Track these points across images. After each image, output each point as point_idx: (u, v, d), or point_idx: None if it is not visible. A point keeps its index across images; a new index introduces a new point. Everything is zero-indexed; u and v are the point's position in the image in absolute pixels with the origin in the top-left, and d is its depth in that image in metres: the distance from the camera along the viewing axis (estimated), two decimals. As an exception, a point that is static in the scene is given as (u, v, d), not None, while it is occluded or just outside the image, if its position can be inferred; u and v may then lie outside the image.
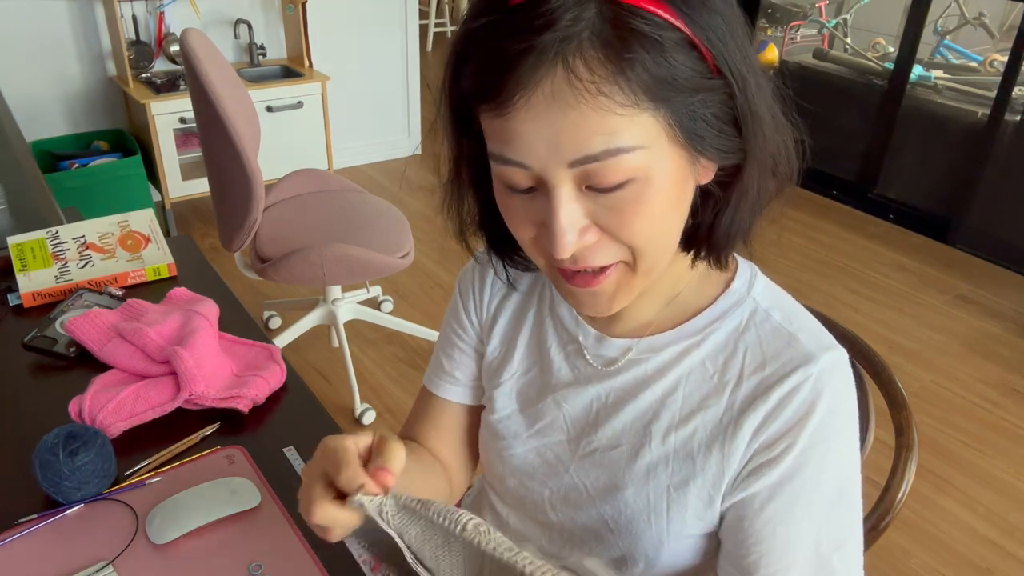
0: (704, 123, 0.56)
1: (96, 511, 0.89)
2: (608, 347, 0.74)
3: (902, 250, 3.44)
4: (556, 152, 0.55)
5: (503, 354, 0.82)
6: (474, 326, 0.85)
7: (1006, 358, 2.72)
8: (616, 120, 0.53)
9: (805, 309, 0.71)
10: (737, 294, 0.70)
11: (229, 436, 1.03)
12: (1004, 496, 2.13)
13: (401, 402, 2.42)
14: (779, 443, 0.65)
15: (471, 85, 0.58)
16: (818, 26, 4.43)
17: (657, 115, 0.54)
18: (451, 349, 0.88)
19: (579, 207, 0.57)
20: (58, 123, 3.32)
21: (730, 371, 0.68)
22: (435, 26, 6.56)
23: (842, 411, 0.66)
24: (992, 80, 3.40)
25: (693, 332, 0.70)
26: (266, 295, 2.93)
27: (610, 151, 0.54)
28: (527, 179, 0.58)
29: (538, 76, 0.52)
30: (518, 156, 0.56)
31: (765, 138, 0.60)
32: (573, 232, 0.58)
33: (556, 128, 0.54)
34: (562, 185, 0.56)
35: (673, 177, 0.58)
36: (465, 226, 0.74)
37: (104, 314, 1.16)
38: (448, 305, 0.90)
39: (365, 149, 4.17)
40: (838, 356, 0.67)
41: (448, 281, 3.03)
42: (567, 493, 0.76)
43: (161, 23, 3.36)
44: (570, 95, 0.52)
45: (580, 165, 0.55)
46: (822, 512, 0.65)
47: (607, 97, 0.52)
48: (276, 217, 2.28)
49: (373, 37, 3.96)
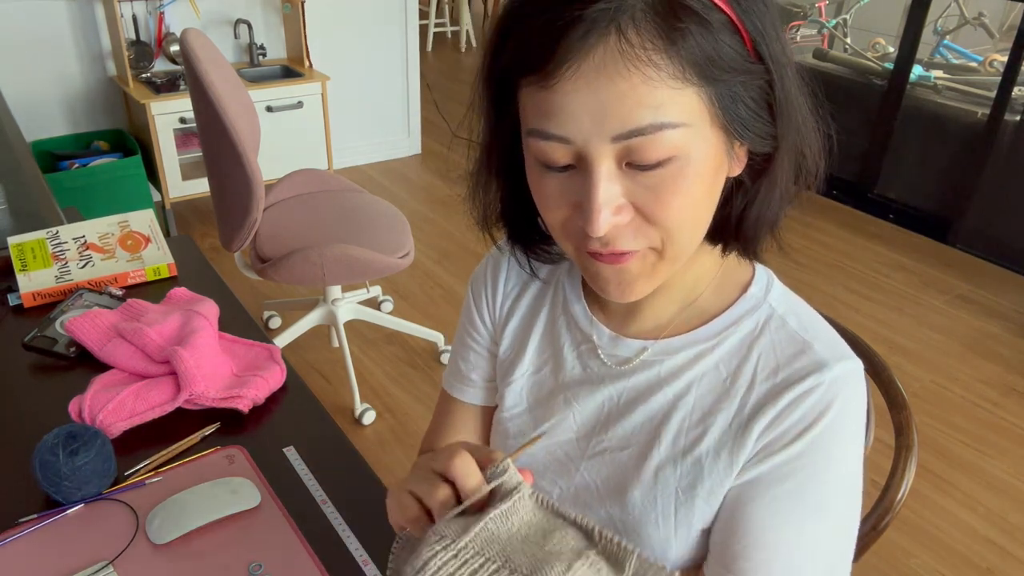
0: (744, 106, 0.57)
1: (96, 511, 0.89)
2: (623, 347, 0.74)
3: (902, 250, 3.44)
4: (600, 125, 0.54)
5: (515, 352, 0.82)
6: (487, 326, 0.85)
7: (1006, 358, 2.72)
8: (663, 93, 0.53)
9: (822, 317, 0.71)
10: (754, 299, 0.70)
11: (229, 436, 1.03)
12: (1004, 496, 2.13)
13: (401, 402, 2.42)
14: (781, 442, 0.64)
15: (515, 58, 0.57)
16: (818, 26, 4.43)
17: (701, 94, 0.55)
18: (466, 351, 0.88)
19: (617, 185, 0.57)
20: (58, 123, 3.32)
21: (743, 376, 0.68)
22: (435, 26, 6.56)
23: (850, 421, 0.65)
24: (992, 80, 3.40)
25: (709, 336, 0.70)
26: (266, 295, 2.93)
27: (655, 125, 0.54)
28: (566, 155, 0.57)
29: (589, 43, 0.52)
30: (561, 130, 0.56)
31: (797, 128, 0.61)
32: (609, 209, 0.57)
33: (602, 99, 0.53)
34: (602, 161, 0.56)
35: (710, 162, 0.58)
36: (489, 215, 0.73)
37: (104, 314, 1.16)
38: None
39: (365, 149, 4.17)
40: (853, 367, 0.66)
41: (448, 281, 3.03)
42: (577, 492, 0.76)
43: (161, 23, 3.36)
44: (620, 64, 0.52)
45: (624, 139, 0.54)
46: (804, 520, 0.64)
47: (657, 68, 0.53)
48: (276, 217, 2.28)
49: (373, 37, 3.96)
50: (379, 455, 2.21)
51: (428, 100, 4.55)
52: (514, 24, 0.58)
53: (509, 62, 0.58)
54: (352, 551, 0.86)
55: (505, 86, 0.61)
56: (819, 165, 0.66)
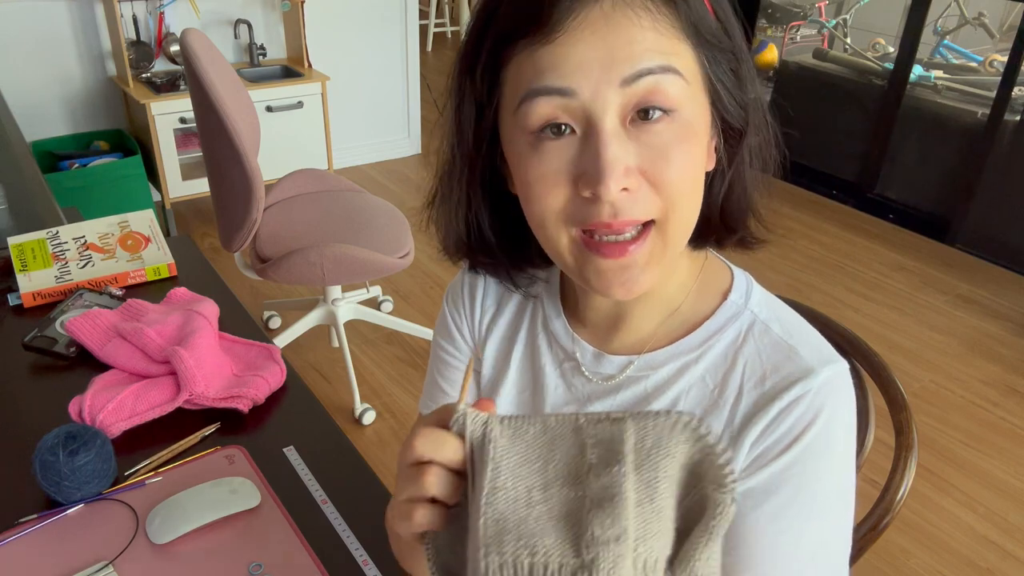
0: (724, 75, 0.60)
1: (96, 511, 0.89)
2: (606, 364, 0.72)
3: (902, 250, 3.44)
4: (610, 69, 0.54)
5: (497, 372, 0.80)
6: (467, 342, 0.83)
7: (1006, 358, 2.72)
8: (670, 43, 0.55)
9: (803, 319, 0.70)
10: (734, 306, 0.69)
11: (229, 436, 1.03)
12: (1004, 496, 2.13)
13: (401, 402, 2.42)
14: (773, 452, 0.63)
15: (510, 21, 0.57)
16: (818, 26, 4.43)
17: (696, 54, 0.57)
18: (445, 369, 0.84)
19: (624, 144, 0.56)
20: (58, 123, 3.32)
21: (730, 386, 0.66)
22: (435, 26, 6.56)
23: (840, 425, 0.64)
24: (992, 80, 3.40)
25: (692, 347, 0.69)
26: (266, 295, 2.93)
27: (664, 66, 0.55)
28: (567, 114, 0.56)
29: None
30: (565, 81, 0.55)
31: (759, 107, 0.64)
32: (619, 168, 0.55)
33: (611, 44, 0.54)
34: (608, 112, 0.55)
35: (704, 127, 0.59)
36: (462, 239, 0.70)
37: (104, 314, 1.16)
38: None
39: (365, 149, 4.17)
40: (839, 369, 0.65)
41: (448, 281, 3.03)
42: None
43: (161, 23, 3.36)
44: (629, 10, 0.54)
45: (633, 81, 0.54)
46: (802, 527, 0.63)
47: (663, 17, 0.55)
48: (276, 217, 2.28)
49: (373, 37, 3.96)
50: (379, 455, 2.21)
51: (428, 100, 4.54)
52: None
53: (503, 27, 0.57)
54: (352, 551, 0.86)
55: (491, 65, 0.59)
56: (780, 144, 0.67)
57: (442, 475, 0.52)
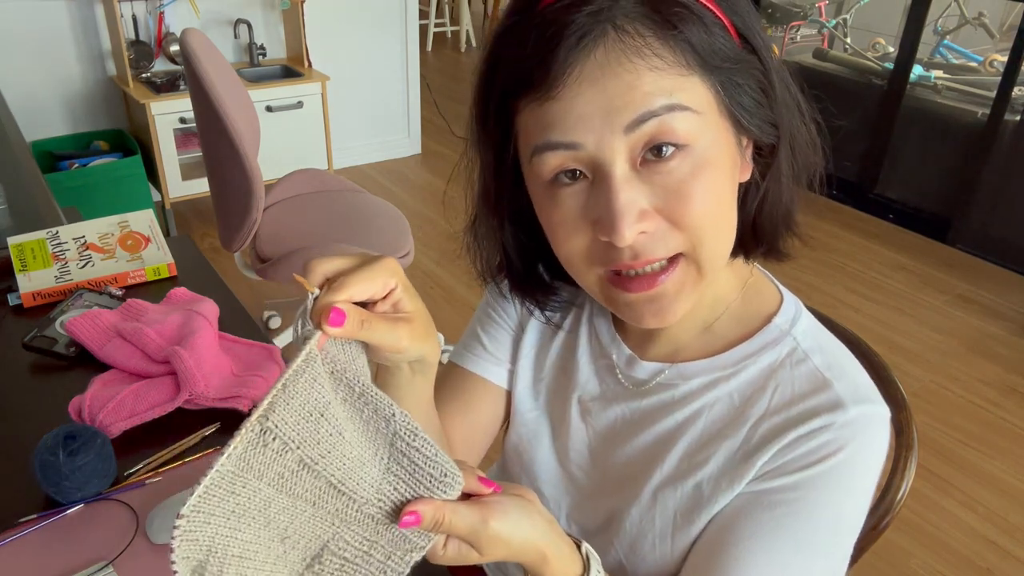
0: (746, 94, 0.57)
1: (96, 511, 0.89)
2: (639, 369, 0.72)
3: (902, 250, 3.43)
4: (612, 118, 0.53)
5: (537, 352, 0.81)
6: (518, 311, 0.82)
7: (1006, 358, 2.71)
8: (671, 81, 0.53)
9: (852, 357, 0.67)
10: (777, 330, 0.68)
11: (229, 436, 1.02)
12: (1004, 496, 2.13)
13: (401, 402, 2.41)
14: (781, 471, 0.62)
15: (512, 78, 0.56)
16: (818, 26, 4.43)
17: (706, 82, 0.55)
18: (489, 325, 0.82)
19: (637, 188, 0.55)
20: (58, 123, 3.32)
21: (756, 406, 0.65)
22: (435, 26, 6.56)
23: (861, 469, 0.62)
24: (992, 80, 3.40)
25: (727, 364, 0.68)
26: (266, 295, 2.93)
27: (667, 106, 0.53)
28: (576, 163, 0.56)
29: (587, 43, 0.52)
30: (569, 136, 0.55)
31: (793, 118, 0.62)
32: (632, 213, 0.55)
33: (610, 94, 0.53)
34: (617, 160, 0.55)
35: (725, 156, 0.58)
36: (493, 265, 0.73)
37: (104, 314, 1.16)
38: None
39: (365, 149, 4.17)
40: (874, 411, 0.63)
41: (448, 281, 3.03)
42: (582, 504, 0.76)
43: (161, 23, 3.36)
44: (624, 57, 0.52)
45: (638, 126, 0.53)
46: (788, 555, 0.61)
47: (660, 58, 0.53)
48: (276, 217, 2.28)
49: (373, 37, 3.96)
50: (379, 455, 2.20)
51: (428, 100, 4.54)
52: (504, 47, 0.57)
53: (506, 84, 0.57)
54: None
55: (502, 116, 0.60)
56: (819, 158, 0.66)
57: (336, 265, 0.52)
